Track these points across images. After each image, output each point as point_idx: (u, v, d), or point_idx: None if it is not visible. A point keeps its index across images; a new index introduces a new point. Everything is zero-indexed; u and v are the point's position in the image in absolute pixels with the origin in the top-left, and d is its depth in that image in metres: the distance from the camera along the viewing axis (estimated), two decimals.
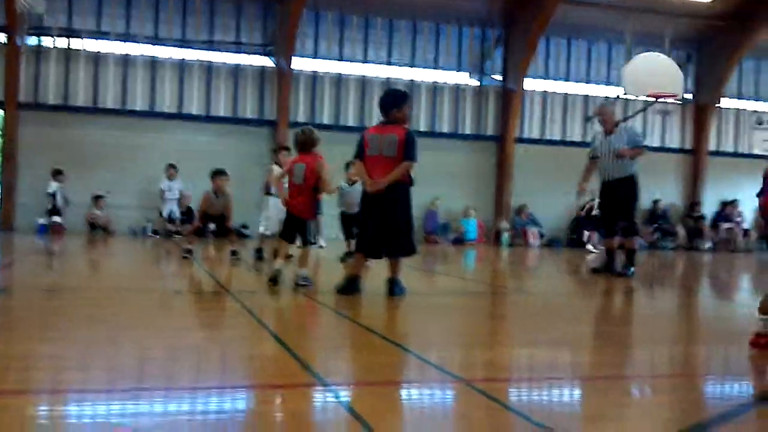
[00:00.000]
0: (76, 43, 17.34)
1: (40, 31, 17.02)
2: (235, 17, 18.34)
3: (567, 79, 20.73)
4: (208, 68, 18.15)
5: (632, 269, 9.71)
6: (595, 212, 16.08)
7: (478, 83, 20.07)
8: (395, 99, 6.77)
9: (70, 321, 4.95)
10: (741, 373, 4.11)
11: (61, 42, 17.23)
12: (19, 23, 16.22)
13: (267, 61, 18.52)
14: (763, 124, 22.12)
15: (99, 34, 17.48)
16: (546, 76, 20.56)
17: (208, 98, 18.06)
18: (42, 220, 16.25)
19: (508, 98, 19.85)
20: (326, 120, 18.74)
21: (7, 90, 16.55)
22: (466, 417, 2.97)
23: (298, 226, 7.11)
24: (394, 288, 6.51)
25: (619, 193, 9.64)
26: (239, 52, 18.42)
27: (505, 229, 19.32)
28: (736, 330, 5.58)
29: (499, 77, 20.13)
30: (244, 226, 17.69)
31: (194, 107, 17.96)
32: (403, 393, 3.38)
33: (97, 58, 17.46)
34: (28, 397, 3.05)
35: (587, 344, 4.87)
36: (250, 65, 18.49)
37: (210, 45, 18.17)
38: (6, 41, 16.47)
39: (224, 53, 18.29)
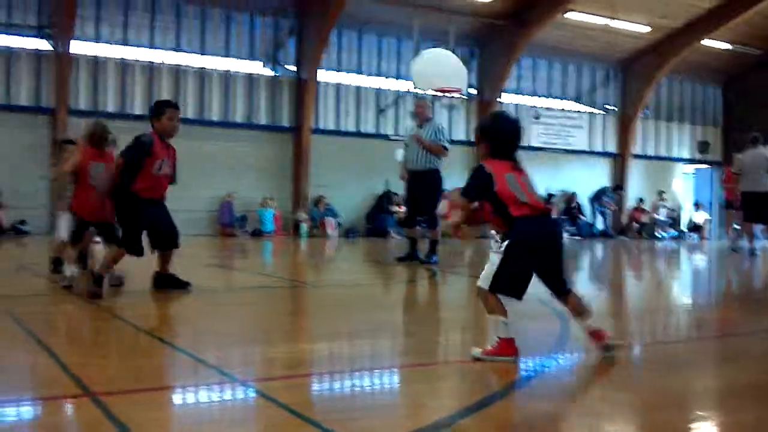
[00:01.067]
0: None
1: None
2: None
3: (359, 72, 21.09)
4: None
5: (435, 257, 10.06)
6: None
7: (272, 73, 19.88)
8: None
9: None
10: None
11: None
12: None
13: (44, 44, 17.16)
14: (540, 118, 23.85)
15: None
16: (339, 69, 20.78)
17: None
18: None
19: (303, 89, 19.85)
20: (111, 107, 17.74)
21: None
22: (237, 419, 2.85)
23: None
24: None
25: (422, 184, 9.99)
26: (12, 34, 16.92)
27: (303, 220, 19.34)
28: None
29: (293, 68, 20.07)
30: (23, 222, 16.38)
31: None
32: (172, 398, 3.19)
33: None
34: None
35: (377, 335, 4.91)
36: (24, 48, 17.04)
37: None
38: None
39: None
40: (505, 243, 3.92)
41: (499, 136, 4.23)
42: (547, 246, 3.99)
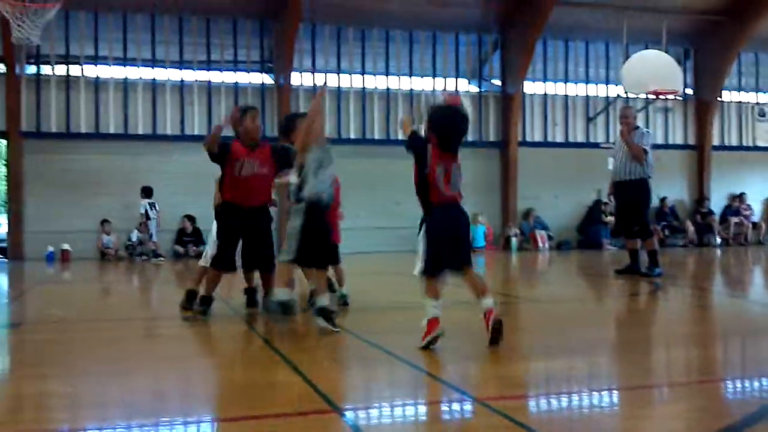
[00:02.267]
0: (75, 70, 17.42)
1: (39, 59, 17.09)
2: (232, 35, 18.40)
3: (566, 81, 20.72)
4: (208, 88, 18.19)
5: (657, 269, 9.66)
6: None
7: (477, 89, 20.08)
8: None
9: (82, 355, 4.93)
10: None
11: (60, 69, 17.30)
12: (16, 53, 16.29)
13: (266, 78, 18.57)
14: (766, 115, 22.08)
15: (97, 60, 17.56)
16: (545, 79, 20.55)
17: (209, 118, 18.08)
18: (50, 248, 16.30)
19: (508, 102, 19.85)
20: (327, 133, 18.77)
21: (9, 119, 16.62)
22: None
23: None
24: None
25: (631, 194, 9.72)
26: (238, 71, 18.48)
27: (514, 235, 19.28)
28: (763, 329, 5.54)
29: (498, 82, 20.14)
30: None
31: (195, 128, 17.96)
32: (414, 413, 3.35)
33: (96, 84, 17.52)
34: None
35: (607, 352, 4.83)
36: (249, 83, 18.53)
37: (208, 65, 18.23)
38: (5, 71, 16.56)
39: (223, 72, 18.35)
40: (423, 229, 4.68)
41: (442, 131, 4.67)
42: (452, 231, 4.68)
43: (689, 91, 21.08)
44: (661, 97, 17.50)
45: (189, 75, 18.12)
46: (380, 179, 17.76)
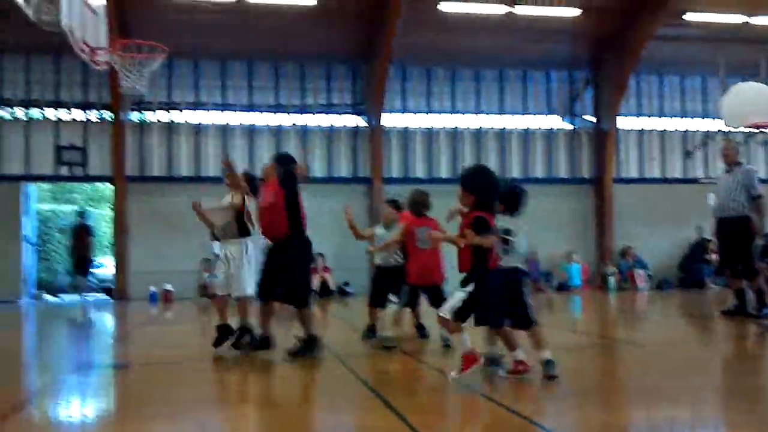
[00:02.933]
0: (176, 116, 18.20)
1: (142, 106, 17.94)
2: (326, 79, 18.86)
3: (661, 115, 20.26)
4: (303, 131, 18.65)
5: (766, 310, 9.25)
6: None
7: (570, 126, 19.86)
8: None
9: (186, 396, 5.08)
10: None
11: (163, 115, 18.12)
12: (122, 101, 17.16)
13: (359, 120, 18.90)
14: None
15: (198, 105, 18.30)
16: (639, 114, 20.15)
17: (303, 160, 18.51)
18: (153, 288, 16.90)
19: (602, 139, 19.54)
20: (420, 173, 18.92)
21: (115, 164, 17.45)
22: None
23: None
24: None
25: (734, 231, 9.40)
26: (331, 113, 18.88)
27: (611, 273, 18.81)
28: None
29: (591, 118, 19.88)
30: (347, 284, 17.91)
31: None
32: None
33: (197, 129, 18.23)
34: None
35: (712, 400, 4.64)
36: (343, 126, 18.90)
37: (303, 108, 18.71)
38: (112, 119, 17.45)
39: (317, 115, 18.78)
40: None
41: (485, 190, 5.09)
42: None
43: None
44: (763, 130, 16.87)
45: (284, 119, 18.63)
46: None
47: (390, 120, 18.85)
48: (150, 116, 18.10)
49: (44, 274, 20.95)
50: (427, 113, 19.22)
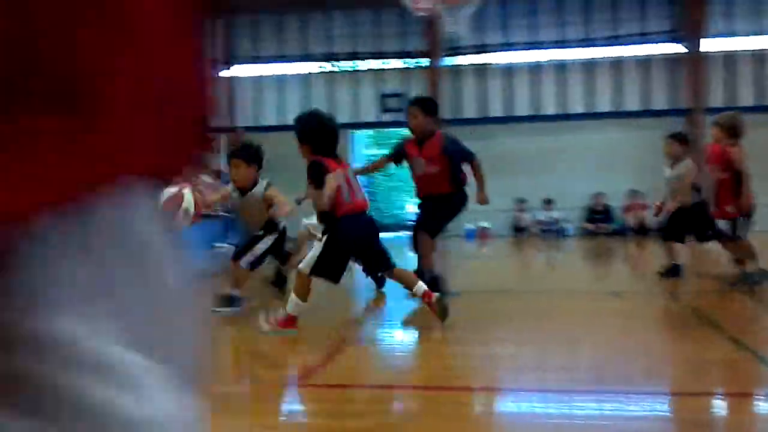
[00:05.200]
0: (487, 58, 18.53)
1: (456, 51, 18.51)
2: (639, 8, 17.88)
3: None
4: (616, 63, 17.99)
5: None
6: None
7: None
8: None
9: (520, 323, 5.36)
10: None
11: (474, 58, 18.55)
12: (437, 48, 17.86)
13: (677, 48, 17.72)
14: None
15: (507, 46, 18.44)
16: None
17: (617, 94, 17.90)
18: (469, 225, 17.64)
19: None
20: (746, 102, 17.34)
21: None
22: None
23: None
24: None
25: None
26: (645, 43, 17.93)
27: None
28: None
29: None
30: None
31: (604, 105, 17.93)
32: None
33: (508, 69, 18.42)
34: (494, 393, 3.42)
35: None
36: (660, 54, 17.87)
37: (615, 40, 17.98)
38: (428, 64, 18.30)
39: (630, 46, 17.95)
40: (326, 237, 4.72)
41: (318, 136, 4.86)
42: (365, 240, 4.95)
43: None
44: None
45: (595, 52, 18.08)
46: None
47: (712, 45, 17.40)
48: (463, 60, 18.63)
49: None
50: (755, 35, 17.42)
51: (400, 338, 5.11)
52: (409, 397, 3.36)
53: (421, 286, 5.00)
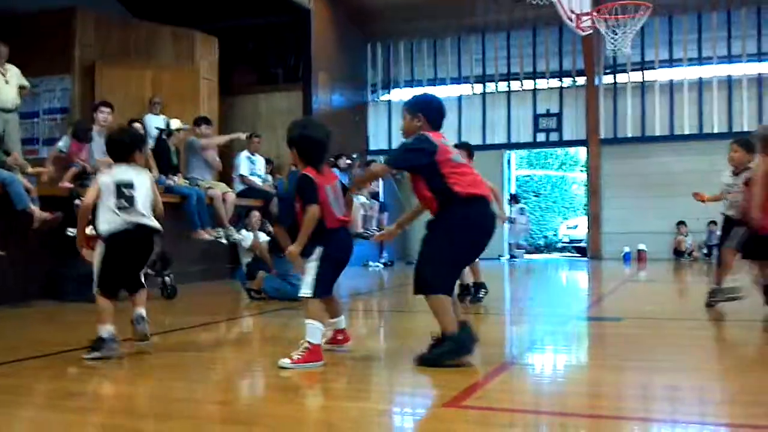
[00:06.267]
0: (649, 75, 17.92)
1: (616, 68, 18.05)
2: None
3: None
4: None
5: None
6: None
7: None
8: None
9: (662, 350, 5.14)
10: None
11: (635, 76, 17.99)
12: (595, 66, 17.50)
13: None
14: None
15: (671, 62, 17.76)
16: None
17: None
18: (627, 248, 17.07)
19: None
20: None
21: (589, 128, 17.93)
22: None
23: None
24: None
25: None
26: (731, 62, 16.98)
27: None
28: None
29: None
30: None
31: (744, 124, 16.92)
32: None
33: (671, 87, 17.72)
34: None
35: None
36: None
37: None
38: (585, 83, 17.95)
39: None
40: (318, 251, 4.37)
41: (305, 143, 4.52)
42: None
43: None
44: None
45: (764, 68, 17.08)
46: None
47: None
48: (622, 78, 18.13)
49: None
50: None
51: (552, 362, 5.02)
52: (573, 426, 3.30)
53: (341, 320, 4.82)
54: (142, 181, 4.77)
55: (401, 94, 19.52)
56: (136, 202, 4.66)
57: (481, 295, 7.62)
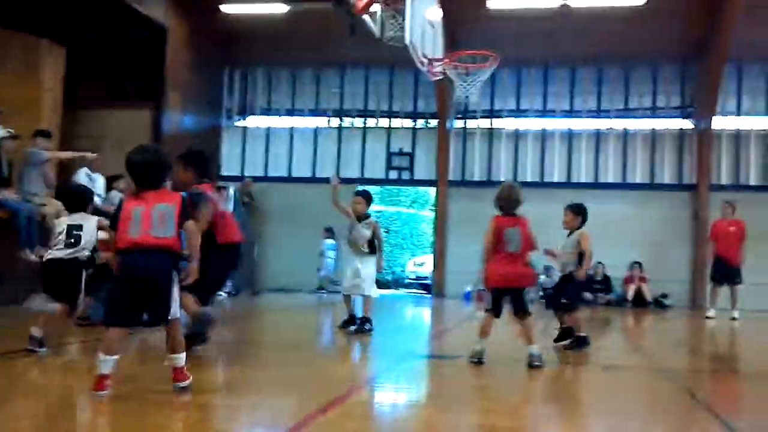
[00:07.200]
0: (497, 123, 18.69)
1: (466, 114, 18.72)
2: (651, 82, 18.08)
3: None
4: (624, 135, 18.12)
5: None
6: None
7: None
8: None
9: (505, 391, 5.25)
10: None
11: (484, 123, 18.72)
12: (447, 110, 18.08)
13: (685, 123, 17.89)
14: None
15: (518, 113, 18.63)
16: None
17: (623, 165, 18.01)
18: (469, 287, 17.54)
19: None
20: (753, 180, 17.41)
21: (439, 169, 18.43)
22: None
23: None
24: None
25: None
26: (656, 117, 18.12)
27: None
28: None
29: None
30: (664, 296, 17.02)
31: (610, 176, 18.02)
32: None
33: (516, 135, 18.56)
34: None
35: None
36: (667, 129, 18.02)
37: (625, 112, 18.16)
38: (437, 125, 18.49)
39: (640, 119, 18.13)
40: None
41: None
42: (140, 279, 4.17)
43: None
44: None
45: (604, 123, 18.24)
46: None
47: (721, 123, 17.53)
48: (472, 123, 18.80)
49: None
50: (766, 115, 17.57)
51: (386, 399, 5.00)
52: None
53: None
54: None
55: (257, 121, 19.31)
56: None
57: (367, 327, 8.28)
